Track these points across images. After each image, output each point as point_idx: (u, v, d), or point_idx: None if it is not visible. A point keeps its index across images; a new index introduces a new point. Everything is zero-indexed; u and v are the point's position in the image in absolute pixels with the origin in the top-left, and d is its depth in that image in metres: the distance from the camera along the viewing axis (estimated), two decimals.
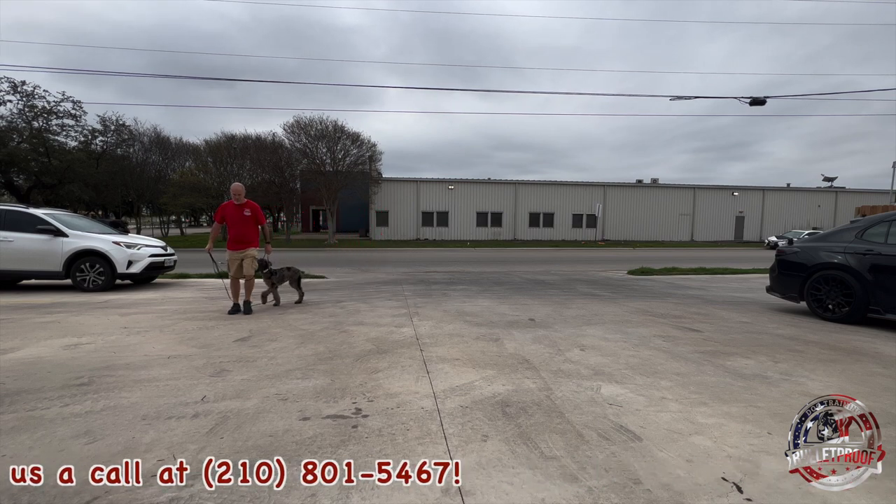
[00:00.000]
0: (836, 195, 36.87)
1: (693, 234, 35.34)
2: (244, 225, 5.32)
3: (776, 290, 5.91)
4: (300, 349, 3.68)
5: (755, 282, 9.27)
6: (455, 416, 2.35)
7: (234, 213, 5.28)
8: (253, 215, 5.40)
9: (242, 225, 5.31)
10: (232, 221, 5.28)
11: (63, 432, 2.11)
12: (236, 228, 5.28)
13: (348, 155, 27.39)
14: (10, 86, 21.30)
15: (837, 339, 4.25)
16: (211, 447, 1.98)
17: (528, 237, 33.38)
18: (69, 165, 22.80)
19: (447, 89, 18.37)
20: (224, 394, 2.63)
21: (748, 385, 2.88)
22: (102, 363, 3.23)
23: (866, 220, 5.24)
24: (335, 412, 2.39)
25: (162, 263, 7.98)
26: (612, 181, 34.80)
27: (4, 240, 6.85)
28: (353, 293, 7.12)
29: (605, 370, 3.18)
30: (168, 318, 4.93)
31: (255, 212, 5.45)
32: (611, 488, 1.69)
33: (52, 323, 4.64)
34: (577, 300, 6.57)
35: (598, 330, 4.52)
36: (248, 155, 28.65)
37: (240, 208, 5.32)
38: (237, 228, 5.29)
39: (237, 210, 5.30)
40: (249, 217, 5.36)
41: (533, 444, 2.05)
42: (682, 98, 12.69)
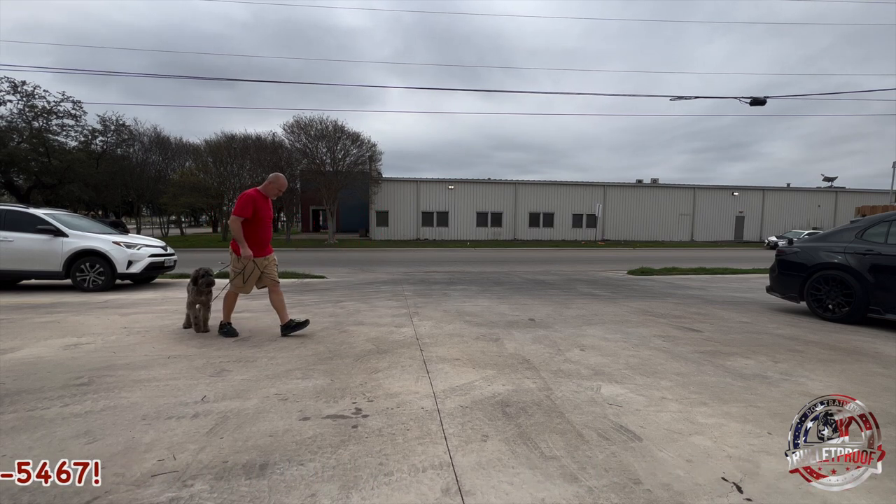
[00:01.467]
0: (836, 195, 36.87)
1: (693, 234, 35.33)
2: (270, 223, 4.38)
3: (776, 290, 5.91)
4: (300, 349, 3.68)
5: (755, 282, 9.27)
6: (455, 416, 2.35)
7: (264, 210, 4.20)
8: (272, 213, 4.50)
9: (269, 222, 4.34)
10: (262, 219, 4.19)
11: (63, 432, 2.11)
12: (265, 227, 4.24)
13: (348, 155, 27.40)
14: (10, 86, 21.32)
15: (837, 339, 4.25)
16: (211, 447, 1.98)
17: (528, 237, 33.38)
18: (69, 165, 22.81)
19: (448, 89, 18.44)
20: (224, 394, 2.63)
21: (748, 385, 2.88)
22: (102, 363, 3.22)
23: (866, 220, 5.24)
24: (335, 412, 2.39)
25: (162, 263, 7.98)
26: (612, 181, 34.80)
27: (4, 240, 6.85)
28: (353, 293, 7.12)
29: (605, 370, 3.18)
30: (168, 318, 4.93)
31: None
32: (611, 488, 1.69)
33: (52, 323, 4.64)
34: (577, 300, 6.57)
35: (598, 330, 4.52)
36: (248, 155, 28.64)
37: (268, 203, 4.30)
38: (266, 227, 4.26)
39: (266, 206, 4.24)
40: (272, 213, 4.44)
41: (533, 444, 2.05)
42: (682, 98, 12.68)
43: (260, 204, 4.14)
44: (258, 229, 4.15)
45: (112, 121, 27.03)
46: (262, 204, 4.16)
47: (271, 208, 4.31)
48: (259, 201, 4.14)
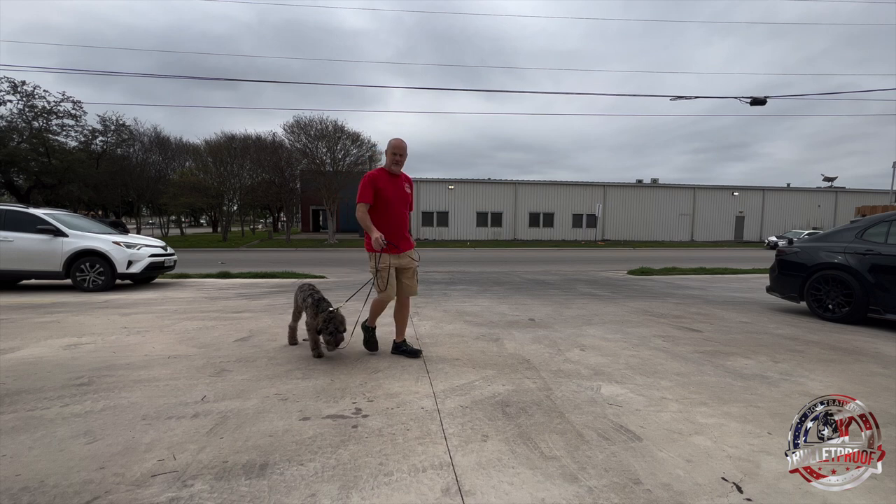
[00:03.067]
0: (836, 195, 36.85)
1: (693, 234, 35.32)
2: (404, 206, 3.42)
3: (776, 290, 5.91)
4: (300, 349, 3.68)
5: (755, 282, 9.27)
6: (455, 416, 2.35)
7: (391, 191, 3.32)
8: (411, 194, 3.51)
9: (402, 206, 3.40)
10: (388, 202, 3.32)
11: (63, 432, 2.11)
12: (396, 214, 3.35)
13: (348, 155, 27.43)
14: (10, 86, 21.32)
15: (837, 339, 4.25)
16: (211, 447, 1.97)
17: (528, 237, 33.37)
18: (69, 165, 22.81)
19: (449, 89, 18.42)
20: (224, 394, 2.63)
21: (748, 385, 2.88)
22: (102, 363, 3.22)
23: (866, 220, 5.24)
24: (335, 412, 2.39)
25: (162, 263, 7.99)
26: (612, 181, 34.79)
27: (4, 240, 6.85)
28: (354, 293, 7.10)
29: (605, 370, 3.18)
30: (168, 318, 4.93)
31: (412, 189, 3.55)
32: (611, 488, 1.69)
33: (52, 323, 4.64)
34: (577, 300, 6.57)
35: (598, 330, 4.52)
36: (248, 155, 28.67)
37: (398, 183, 3.36)
38: (397, 214, 3.36)
39: (394, 185, 3.34)
40: (409, 196, 3.46)
41: (533, 444, 2.05)
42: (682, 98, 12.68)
43: (382, 183, 3.28)
44: (383, 216, 3.31)
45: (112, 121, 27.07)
46: (384, 183, 3.28)
47: (404, 188, 3.40)
48: (381, 180, 3.28)
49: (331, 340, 3.24)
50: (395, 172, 3.33)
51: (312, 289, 3.55)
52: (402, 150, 3.32)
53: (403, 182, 3.41)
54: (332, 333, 3.22)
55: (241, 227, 43.55)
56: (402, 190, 3.39)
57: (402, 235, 3.39)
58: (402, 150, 3.32)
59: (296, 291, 3.72)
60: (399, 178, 3.39)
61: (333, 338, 3.24)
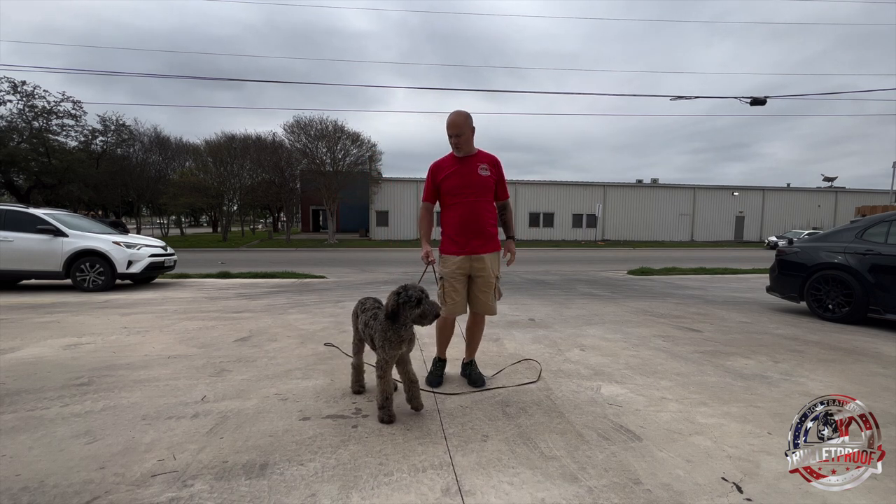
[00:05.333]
0: (836, 195, 36.85)
1: (693, 234, 35.32)
2: (481, 193, 2.66)
3: (776, 290, 5.91)
4: (300, 349, 3.68)
5: (755, 282, 9.27)
6: (455, 416, 2.35)
7: (457, 177, 2.66)
8: (494, 177, 2.71)
9: (476, 194, 2.65)
10: (454, 192, 2.67)
11: (63, 432, 2.11)
12: (466, 204, 2.65)
13: (348, 155, 27.43)
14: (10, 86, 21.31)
15: (837, 339, 4.25)
16: (211, 447, 1.97)
17: (528, 237, 33.37)
18: (69, 165, 22.79)
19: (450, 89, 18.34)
20: (224, 394, 2.63)
21: (748, 385, 2.88)
22: (102, 363, 3.22)
23: (866, 220, 5.24)
24: (335, 412, 2.39)
25: (162, 263, 7.99)
26: (612, 181, 34.79)
27: (4, 240, 6.85)
28: (354, 293, 7.11)
29: (605, 370, 3.17)
30: (168, 318, 4.93)
31: (500, 173, 2.76)
32: (611, 488, 1.69)
33: (52, 323, 4.64)
34: (577, 300, 6.57)
35: (598, 330, 4.52)
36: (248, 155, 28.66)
37: (469, 165, 2.66)
38: (468, 204, 2.65)
39: (464, 169, 2.66)
40: (487, 180, 2.66)
41: (533, 444, 2.05)
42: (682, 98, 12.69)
43: (444, 172, 2.68)
44: (452, 210, 2.69)
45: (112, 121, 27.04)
46: (448, 171, 2.68)
47: (478, 170, 2.64)
48: (443, 169, 2.70)
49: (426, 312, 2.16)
50: (459, 155, 2.67)
51: (379, 305, 2.46)
52: (454, 127, 2.56)
53: (477, 163, 2.64)
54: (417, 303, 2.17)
55: (241, 227, 43.55)
56: (475, 174, 2.62)
57: (475, 231, 2.63)
58: (452, 126, 2.57)
59: (355, 308, 2.59)
60: (471, 160, 2.66)
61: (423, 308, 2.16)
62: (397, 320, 2.19)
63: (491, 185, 2.69)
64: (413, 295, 2.16)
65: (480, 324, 2.88)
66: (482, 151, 2.72)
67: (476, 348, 2.94)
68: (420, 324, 2.19)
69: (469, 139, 2.62)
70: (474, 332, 2.88)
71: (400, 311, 2.17)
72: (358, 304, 2.56)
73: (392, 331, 2.20)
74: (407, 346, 2.27)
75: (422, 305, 2.15)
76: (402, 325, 2.21)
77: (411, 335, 2.28)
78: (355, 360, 2.63)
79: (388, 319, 2.20)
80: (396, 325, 2.20)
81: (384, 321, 2.23)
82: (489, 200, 2.72)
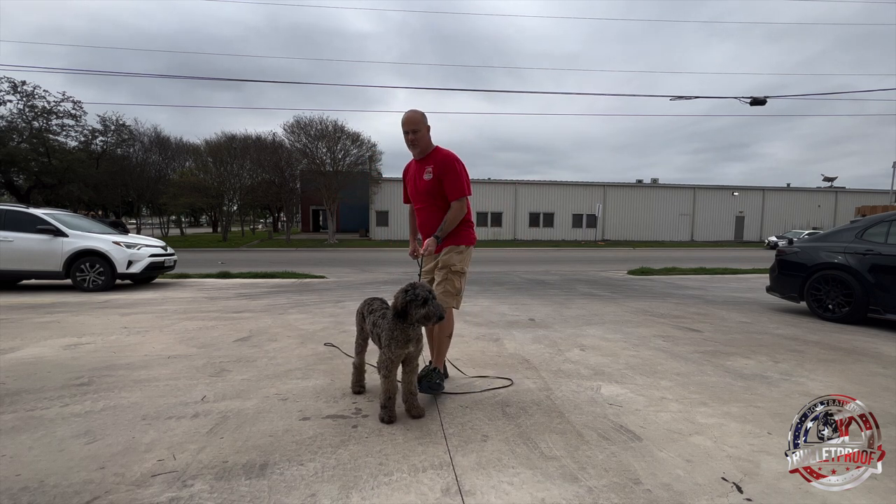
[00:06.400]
0: (836, 195, 36.86)
1: (693, 234, 35.32)
2: (426, 200, 2.72)
3: (776, 290, 5.91)
4: (300, 349, 3.68)
5: (755, 282, 9.27)
6: (455, 416, 2.35)
7: (411, 180, 2.82)
8: (436, 180, 2.63)
9: (424, 201, 2.73)
10: (411, 195, 2.86)
11: (63, 432, 2.11)
12: (419, 210, 2.80)
13: (348, 155, 27.44)
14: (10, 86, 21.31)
15: (837, 339, 4.25)
16: (211, 447, 1.97)
17: (528, 237, 33.37)
18: (69, 165, 22.80)
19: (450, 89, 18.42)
20: (224, 394, 2.63)
21: (748, 385, 2.88)
22: (102, 363, 3.22)
23: (866, 220, 5.24)
24: (335, 412, 2.39)
25: (162, 263, 7.99)
26: (612, 181, 34.79)
27: (4, 240, 6.86)
28: (354, 293, 7.11)
29: (605, 370, 3.17)
30: (168, 318, 4.93)
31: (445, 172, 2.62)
32: (611, 488, 1.69)
33: (52, 323, 4.64)
34: (577, 300, 6.57)
35: (598, 330, 4.52)
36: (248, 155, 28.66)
37: (420, 168, 2.71)
38: (419, 210, 2.80)
39: (416, 172, 2.74)
40: (430, 184, 2.65)
41: (533, 444, 2.05)
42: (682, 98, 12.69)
43: (408, 174, 2.86)
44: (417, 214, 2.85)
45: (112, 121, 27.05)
46: (408, 175, 2.86)
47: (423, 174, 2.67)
48: (407, 172, 2.88)
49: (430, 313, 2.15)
50: (415, 156, 2.71)
51: (386, 306, 2.47)
52: (411, 123, 2.59)
53: (425, 167, 2.65)
54: (423, 303, 2.15)
55: (241, 227, 43.55)
56: (421, 179, 2.66)
57: (424, 234, 2.76)
58: (409, 122, 2.59)
59: (360, 308, 2.62)
60: (422, 163, 2.67)
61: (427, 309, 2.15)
62: (405, 318, 2.20)
63: (434, 189, 2.64)
64: (420, 294, 2.16)
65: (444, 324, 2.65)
66: (438, 150, 2.68)
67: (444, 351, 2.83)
68: (423, 324, 2.21)
69: (425, 136, 2.64)
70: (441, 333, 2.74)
71: (408, 309, 2.17)
72: (364, 305, 2.57)
73: (399, 329, 2.20)
74: (414, 345, 2.27)
75: (427, 306, 2.15)
76: (410, 323, 2.21)
77: (419, 335, 2.28)
78: (357, 359, 2.64)
79: (397, 317, 2.20)
80: (404, 325, 2.21)
81: (392, 319, 2.23)
82: (439, 207, 2.68)
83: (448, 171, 2.61)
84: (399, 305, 2.18)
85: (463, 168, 2.67)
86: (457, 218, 2.63)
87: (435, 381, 2.60)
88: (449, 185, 2.62)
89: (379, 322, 2.33)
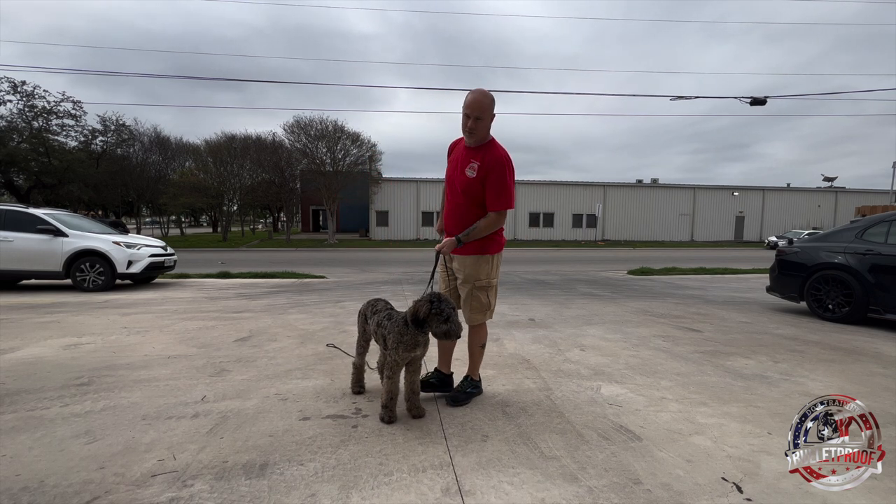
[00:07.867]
0: (836, 195, 36.85)
1: (693, 234, 35.32)
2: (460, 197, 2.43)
3: (776, 290, 5.91)
4: (300, 349, 3.68)
5: (755, 282, 9.27)
6: (455, 416, 2.35)
7: (451, 165, 2.53)
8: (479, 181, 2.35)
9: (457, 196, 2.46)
10: (447, 179, 2.57)
11: (63, 432, 2.11)
12: (449, 203, 2.54)
13: (348, 155, 27.43)
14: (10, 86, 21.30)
15: (837, 339, 4.25)
16: (211, 447, 1.97)
17: (528, 237, 33.37)
18: (69, 165, 22.78)
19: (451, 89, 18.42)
20: (224, 394, 2.63)
21: (748, 385, 2.88)
22: (102, 363, 3.22)
23: (866, 220, 5.24)
24: (335, 412, 2.39)
25: (162, 263, 7.99)
26: (612, 181, 34.79)
27: (4, 240, 6.85)
28: (354, 293, 7.11)
29: (605, 370, 3.17)
30: (168, 318, 4.93)
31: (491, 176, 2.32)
32: (611, 488, 1.69)
33: (52, 323, 4.64)
34: (577, 300, 6.57)
35: (598, 330, 4.52)
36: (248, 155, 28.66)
37: (467, 157, 2.40)
38: (450, 203, 2.53)
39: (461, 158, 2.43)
40: (472, 183, 2.36)
41: (533, 443, 2.05)
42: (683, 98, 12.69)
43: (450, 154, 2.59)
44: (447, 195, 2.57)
45: (112, 121, 27.03)
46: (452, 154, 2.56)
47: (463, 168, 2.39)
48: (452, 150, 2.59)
49: (451, 331, 2.08)
50: (470, 143, 2.39)
51: (390, 306, 2.44)
52: (476, 107, 2.25)
53: (470, 160, 2.35)
54: (446, 320, 2.07)
55: (241, 227, 43.54)
56: (461, 171, 2.38)
57: (448, 229, 2.51)
58: (473, 105, 2.25)
59: (363, 309, 2.57)
60: (471, 153, 2.37)
61: (449, 326, 2.08)
62: (423, 328, 2.13)
63: (473, 191, 2.37)
64: (445, 310, 2.08)
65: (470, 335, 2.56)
66: (492, 146, 2.36)
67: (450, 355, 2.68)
68: (441, 339, 2.15)
69: (487, 126, 2.33)
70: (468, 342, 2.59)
71: (429, 321, 2.11)
72: (367, 306, 2.52)
73: (409, 334, 2.16)
74: (422, 349, 2.25)
75: (450, 323, 2.08)
76: (424, 332, 2.18)
77: (426, 339, 2.25)
78: (358, 360, 2.63)
79: (415, 325, 2.13)
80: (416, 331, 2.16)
81: (403, 324, 2.18)
82: (472, 207, 2.40)
83: (495, 177, 2.32)
84: (421, 315, 2.10)
85: (513, 175, 2.38)
86: (489, 228, 2.38)
87: (466, 391, 2.55)
88: (492, 191, 2.33)
89: (384, 323, 2.28)
